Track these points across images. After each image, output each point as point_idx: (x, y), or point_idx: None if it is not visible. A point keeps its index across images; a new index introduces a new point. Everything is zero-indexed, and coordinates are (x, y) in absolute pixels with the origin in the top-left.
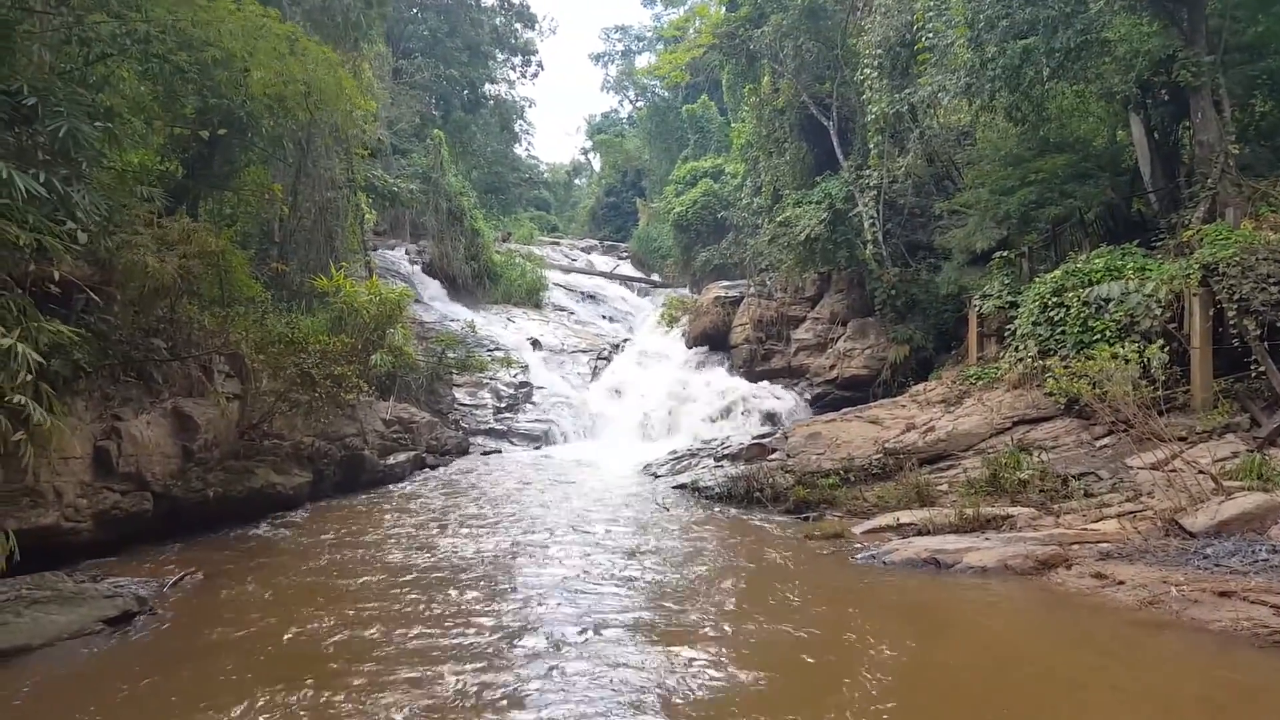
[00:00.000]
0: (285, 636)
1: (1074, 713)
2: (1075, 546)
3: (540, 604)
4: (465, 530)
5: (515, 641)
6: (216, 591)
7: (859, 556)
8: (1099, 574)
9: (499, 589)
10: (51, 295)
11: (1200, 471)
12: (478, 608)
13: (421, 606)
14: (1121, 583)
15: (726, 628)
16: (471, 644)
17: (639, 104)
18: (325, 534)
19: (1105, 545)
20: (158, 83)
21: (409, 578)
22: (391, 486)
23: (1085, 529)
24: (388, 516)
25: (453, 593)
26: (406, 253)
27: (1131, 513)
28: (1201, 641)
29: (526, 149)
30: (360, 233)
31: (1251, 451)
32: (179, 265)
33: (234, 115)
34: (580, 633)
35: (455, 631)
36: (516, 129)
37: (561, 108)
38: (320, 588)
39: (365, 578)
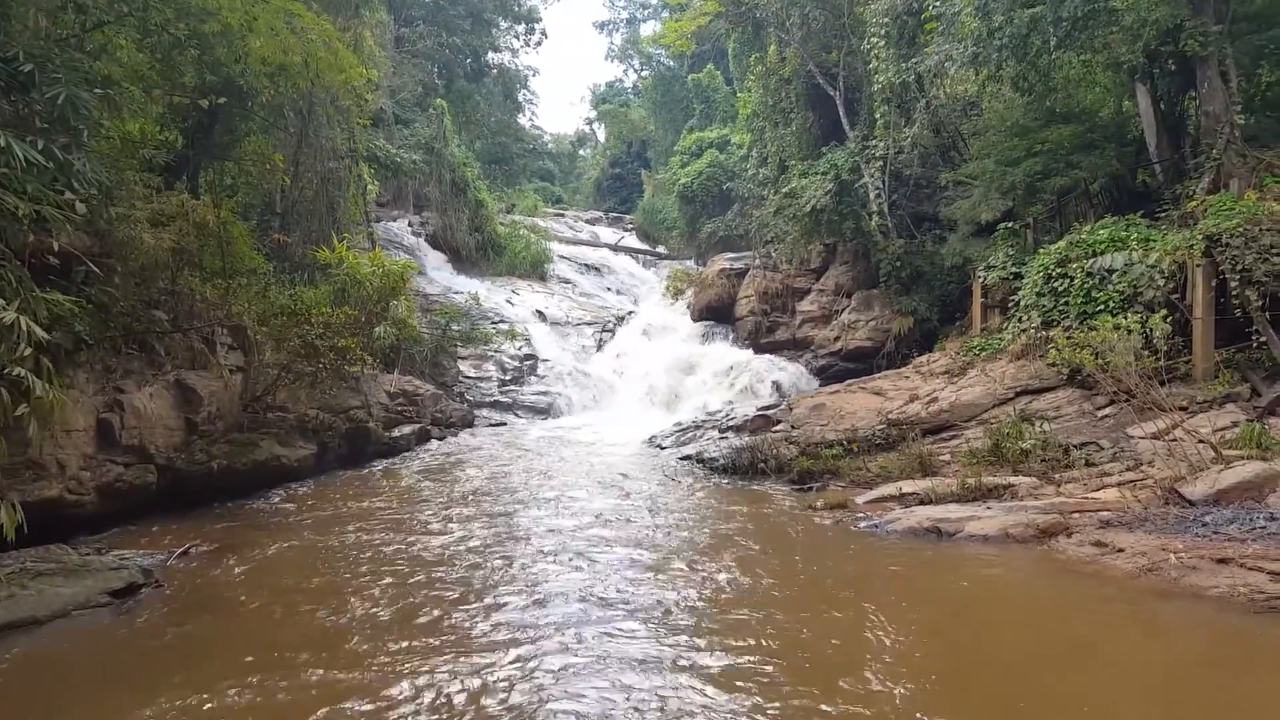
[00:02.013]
0: (285, 613)
1: (1074, 678)
2: (1076, 515)
3: (539, 587)
4: (466, 507)
5: (513, 625)
6: (221, 564)
7: (862, 526)
8: (1099, 542)
9: (495, 574)
10: (51, 267)
11: (1200, 441)
12: (471, 598)
13: (418, 589)
14: (1121, 550)
15: (731, 609)
16: (461, 644)
17: (644, 73)
18: (328, 508)
19: (1105, 514)
20: (156, 52)
21: (409, 558)
22: (396, 459)
23: (1086, 498)
24: (391, 491)
25: (447, 579)
26: (409, 224)
27: (1132, 481)
28: (1199, 607)
29: (530, 119)
30: (363, 204)
31: (1251, 421)
32: (175, 241)
33: (234, 84)
34: (578, 624)
35: (444, 626)
36: (520, 99)
37: (566, 77)
38: (321, 564)
39: (365, 555)
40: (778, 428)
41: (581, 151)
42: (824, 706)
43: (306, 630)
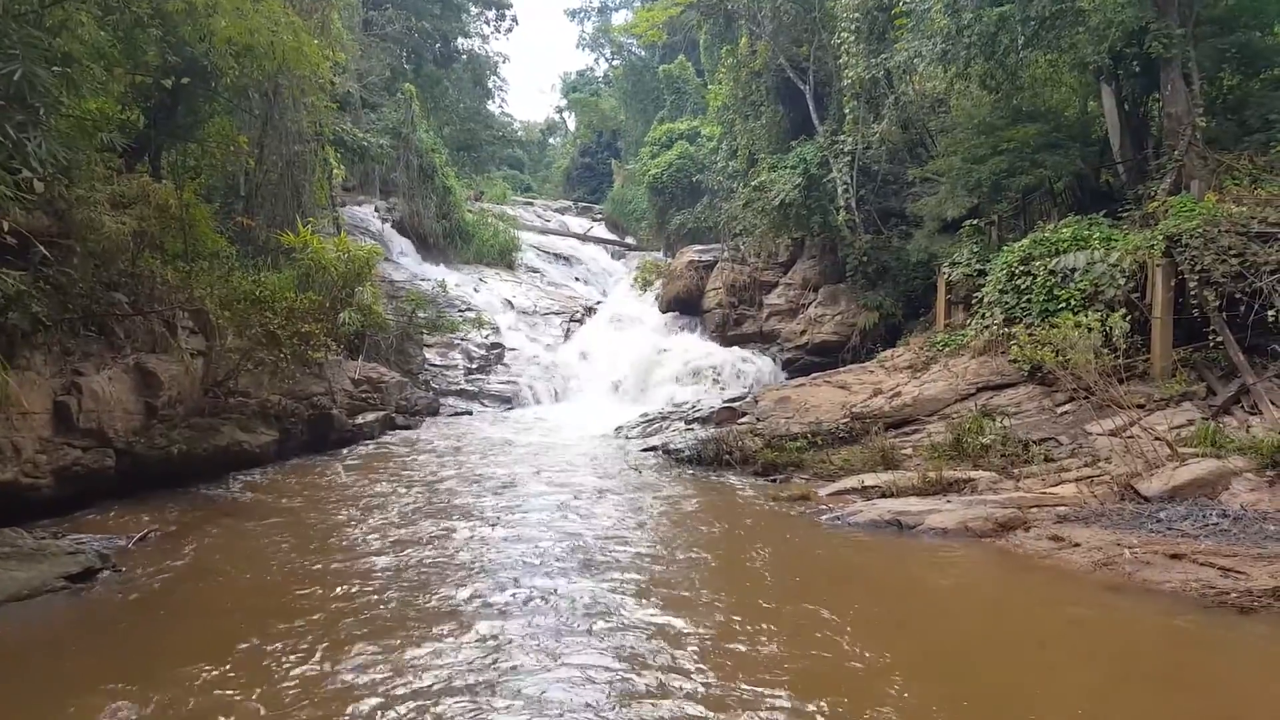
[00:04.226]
0: (243, 597)
1: (1029, 673)
2: (1034, 509)
3: (490, 582)
4: (422, 499)
5: (471, 621)
6: (179, 550)
7: (824, 518)
8: (1056, 536)
9: (455, 559)
10: (7, 247)
11: (1157, 438)
12: (431, 586)
13: (371, 580)
14: (1077, 545)
15: (697, 601)
16: (421, 637)
17: (615, 63)
18: (289, 494)
19: (1063, 508)
20: (118, 29)
21: (364, 545)
22: (359, 446)
23: (1044, 492)
24: (353, 478)
25: (402, 572)
26: (376, 210)
27: (1089, 477)
28: (1152, 601)
29: (500, 106)
30: (328, 188)
31: (1206, 419)
32: (136, 223)
33: (198, 64)
34: (533, 622)
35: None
36: (490, 85)
37: (536, 65)
38: (278, 550)
39: (322, 541)
40: (743, 420)
41: (551, 140)
42: None
43: (258, 615)
